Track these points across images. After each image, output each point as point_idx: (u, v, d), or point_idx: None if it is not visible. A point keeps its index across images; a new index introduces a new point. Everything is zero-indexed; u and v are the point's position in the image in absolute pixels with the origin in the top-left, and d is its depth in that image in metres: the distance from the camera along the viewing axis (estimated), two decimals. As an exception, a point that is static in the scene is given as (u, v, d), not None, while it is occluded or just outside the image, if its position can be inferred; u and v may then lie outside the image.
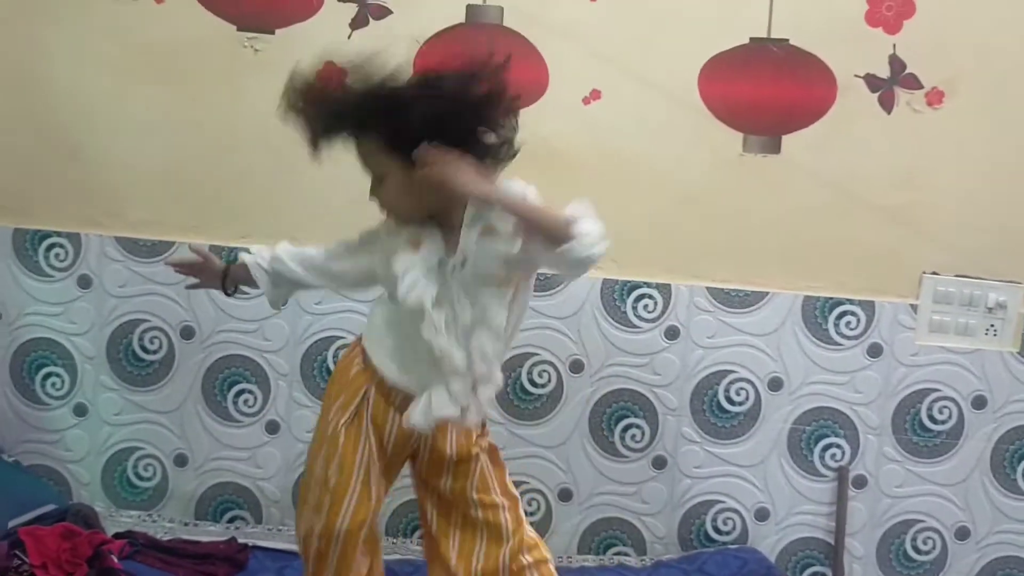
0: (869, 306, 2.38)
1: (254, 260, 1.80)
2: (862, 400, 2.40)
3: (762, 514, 2.45)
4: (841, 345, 2.39)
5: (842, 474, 2.42)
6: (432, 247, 1.60)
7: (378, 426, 1.69)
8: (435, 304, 1.57)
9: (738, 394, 2.41)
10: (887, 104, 2.33)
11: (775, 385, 2.41)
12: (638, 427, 2.43)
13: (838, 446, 2.42)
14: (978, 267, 2.37)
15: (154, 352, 2.43)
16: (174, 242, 2.39)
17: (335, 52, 1.68)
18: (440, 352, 1.57)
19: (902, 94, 2.33)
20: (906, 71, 2.31)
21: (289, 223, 2.39)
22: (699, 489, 2.44)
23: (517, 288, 1.63)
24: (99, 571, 1.97)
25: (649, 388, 2.41)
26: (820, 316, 2.38)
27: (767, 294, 2.38)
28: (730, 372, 2.40)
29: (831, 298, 2.38)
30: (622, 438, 2.43)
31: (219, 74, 2.36)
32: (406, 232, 1.62)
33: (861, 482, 2.43)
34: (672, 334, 2.40)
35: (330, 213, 2.35)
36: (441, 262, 1.59)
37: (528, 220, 1.49)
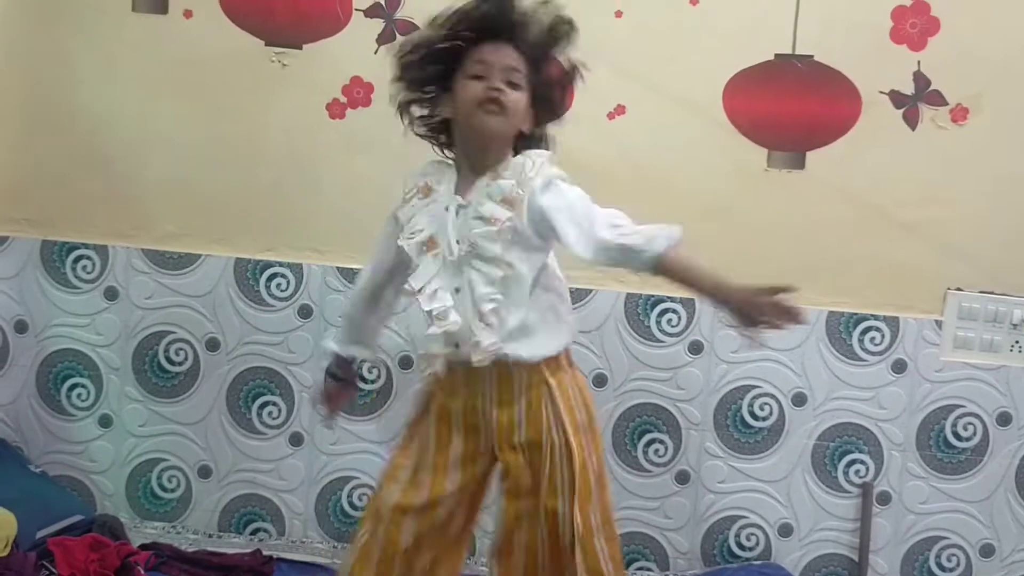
0: (894, 322, 2.38)
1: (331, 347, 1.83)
2: (886, 416, 2.40)
3: (786, 530, 2.44)
4: (865, 361, 2.39)
5: (866, 490, 2.41)
6: (444, 192, 1.64)
7: (444, 414, 1.68)
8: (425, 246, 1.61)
9: (762, 409, 2.41)
10: (912, 120, 2.34)
11: (799, 400, 2.40)
12: (661, 441, 2.43)
13: (862, 462, 2.42)
14: (1003, 283, 2.37)
15: (179, 364, 2.45)
16: (200, 254, 2.41)
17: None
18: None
19: (926, 111, 2.33)
20: (930, 88, 2.32)
21: (313, 236, 2.41)
22: (722, 504, 2.44)
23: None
24: (127, 582, 1.99)
25: (672, 402, 2.42)
26: (844, 331, 2.38)
27: (791, 309, 2.37)
28: (754, 387, 2.40)
29: (855, 313, 2.38)
30: (645, 452, 2.43)
31: (246, 88, 2.39)
32: (426, 179, 1.66)
33: (885, 498, 2.43)
34: (696, 348, 2.40)
35: (353, 226, 2.37)
36: (447, 207, 1.62)
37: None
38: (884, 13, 2.30)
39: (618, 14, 2.33)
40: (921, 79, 2.32)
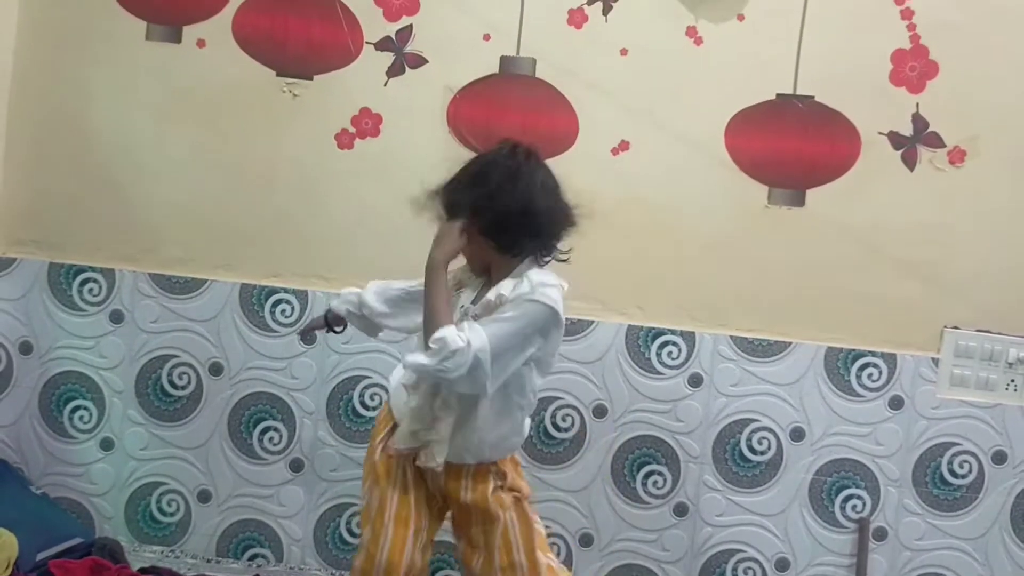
0: (891, 359, 2.40)
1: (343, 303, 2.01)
2: (883, 452, 2.42)
3: (782, 564, 2.45)
4: (863, 397, 2.41)
5: (863, 525, 2.42)
6: (469, 292, 1.81)
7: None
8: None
9: (760, 443, 2.43)
10: (910, 161, 2.38)
11: (797, 435, 2.42)
12: (660, 474, 2.44)
13: (859, 497, 2.43)
14: (999, 323, 2.40)
15: (182, 388, 2.46)
16: (206, 279, 2.43)
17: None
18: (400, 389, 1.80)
19: (925, 152, 2.38)
20: (929, 130, 2.37)
21: (319, 263, 2.44)
22: (720, 537, 2.45)
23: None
24: (126, 606, 1.98)
25: (672, 435, 2.43)
26: (842, 367, 2.41)
27: (790, 344, 2.41)
28: (752, 421, 2.43)
29: (853, 350, 2.41)
30: (644, 484, 2.45)
31: (257, 117, 2.42)
32: (463, 276, 1.84)
33: (881, 534, 2.44)
34: (695, 381, 2.42)
35: (358, 254, 2.40)
36: (463, 307, 1.78)
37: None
38: (884, 56, 2.36)
39: (623, 52, 2.38)
40: (920, 121, 2.37)
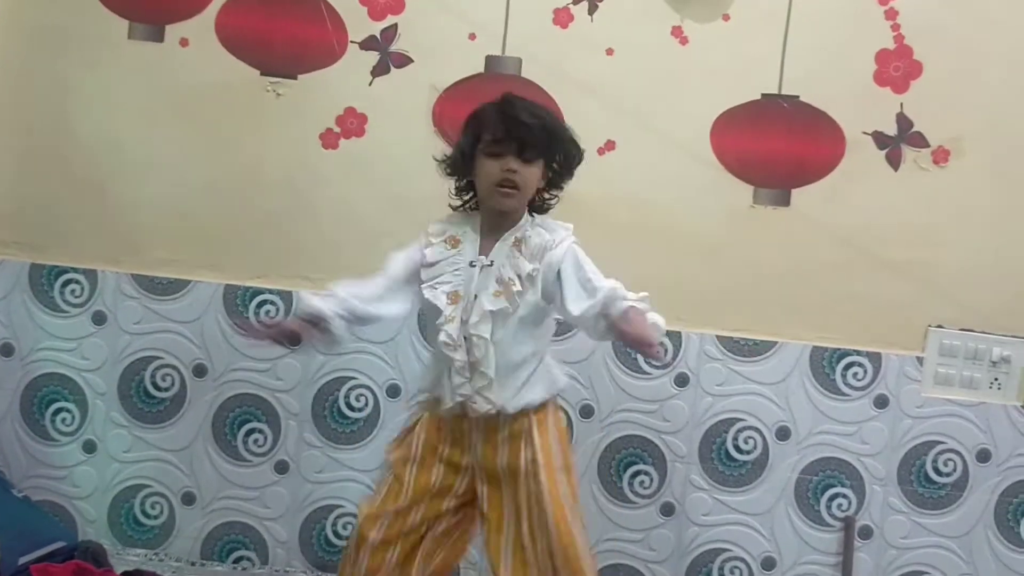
0: (876, 358, 2.41)
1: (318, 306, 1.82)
2: (868, 451, 2.43)
3: (768, 563, 2.46)
4: (848, 396, 2.42)
5: (848, 524, 2.43)
6: (468, 248, 1.80)
7: (431, 448, 1.84)
8: (450, 299, 1.75)
9: (746, 442, 2.43)
10: (894, 161, 2.39)
11: (783, 434, 2.43)
12: (647, 473, 2.44)
13: (844, 496, 2.44)
14: (983, 322, 2.42)
15: (166, 389, 2.44)
16: (190, 280, 2.41)
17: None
18: (447, 339, 1.74)
19: (909, 152, 2.39)
20: (913, 129, 2.38)
21: (304, 264, 2.42)
22: (706, 537, 2.45)
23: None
24: (109, 610, 1.97)
25: (658, 435, 2.43)
26: (828, 366, 2.41)
27: (776, 343, 2.41)
28: (738, 420, 2.43)
29: (839, 349, 2.41)
30: (631, 484, 2.44)
31: (241, 117, 2.40)
32: (453, 229, 1.82)
33: (867, 532, 2.45)
34: (682, 381, 2.42)
35: (344, 255, 2.38)
36: (471, 263, 1.78)
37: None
38: (868, 56, 2.36)
39: (609, 52, 2.38)
40: (904, 121, 2.38)
